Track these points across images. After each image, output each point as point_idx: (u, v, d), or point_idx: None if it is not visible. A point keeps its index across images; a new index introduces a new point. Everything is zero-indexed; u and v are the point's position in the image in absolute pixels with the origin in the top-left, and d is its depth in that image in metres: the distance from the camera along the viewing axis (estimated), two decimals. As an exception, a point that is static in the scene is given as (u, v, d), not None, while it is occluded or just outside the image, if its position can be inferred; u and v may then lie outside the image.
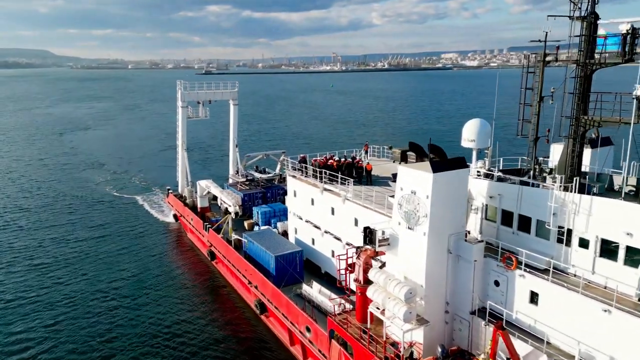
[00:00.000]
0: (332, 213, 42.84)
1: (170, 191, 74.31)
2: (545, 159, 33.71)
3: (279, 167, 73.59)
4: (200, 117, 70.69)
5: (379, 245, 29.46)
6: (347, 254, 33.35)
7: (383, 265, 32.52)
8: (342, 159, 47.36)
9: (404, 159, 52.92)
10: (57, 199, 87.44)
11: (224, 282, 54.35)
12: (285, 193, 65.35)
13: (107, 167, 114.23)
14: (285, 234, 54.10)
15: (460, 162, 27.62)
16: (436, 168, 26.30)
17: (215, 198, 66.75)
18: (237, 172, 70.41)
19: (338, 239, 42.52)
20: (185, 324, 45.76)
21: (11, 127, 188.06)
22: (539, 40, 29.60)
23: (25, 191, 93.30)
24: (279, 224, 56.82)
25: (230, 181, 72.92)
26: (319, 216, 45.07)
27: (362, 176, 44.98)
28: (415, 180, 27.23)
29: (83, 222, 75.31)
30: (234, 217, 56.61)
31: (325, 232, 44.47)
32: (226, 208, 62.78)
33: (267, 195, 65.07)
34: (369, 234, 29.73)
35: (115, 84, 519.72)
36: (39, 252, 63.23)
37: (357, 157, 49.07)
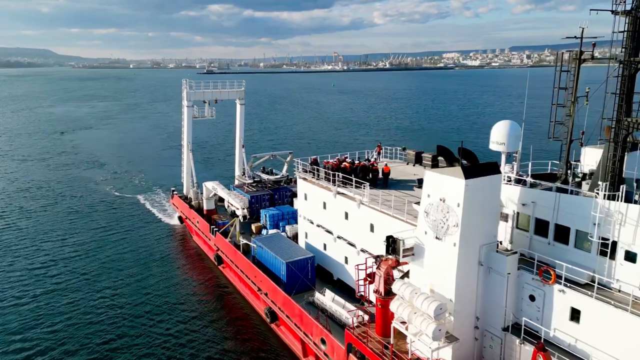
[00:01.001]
0: (346, 218, 41.08)
1: (174, 192, 72.48)
2: (575, 162, 31.86)
3: (285, 167, 71.90)
4: (207, 117, 68.90)
5: (403, 256, 27.54)
6: (366, 263, 31.44)
7: (405, 275, 30.72)
8: (357, 161, 45.58)
9: (418, 160, 51.32)
10: (58, 200, 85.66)
11: (232, 288, 52.46)
12: (293, 195, 63.65)
13: (109, 167, 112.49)
14: (294, 238, 52.33)
15: (493, 167, 25.71)
16: (469, 174, 24.39)
17: (221, 199, 64.89)
18: (244, 173, 68.52)
19: (352, 245, 40.79)
20: (191, 332, 43.94)
21: (12, 126, 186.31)
22: (575, 37, 27.78)
23: (25, 191, 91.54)
24: (287, 228, 55.08)
25: (237, 182, 71.10)
26: (332, 221, 43.34)
27: (377, 179, 43.12)
28: (445, 186, 25.32)
29: (84, 223, 73.59)
30: (241, 220, 54.70)
31: (338, 237, 42.74)
32: (233, 211, 60.96)
33: (275, 197, 63.31)
34: (391, 244, 27.82)
35: (118, 83, 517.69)
36: (38, 254, 61.54)
37: (372, 159, 47.18)
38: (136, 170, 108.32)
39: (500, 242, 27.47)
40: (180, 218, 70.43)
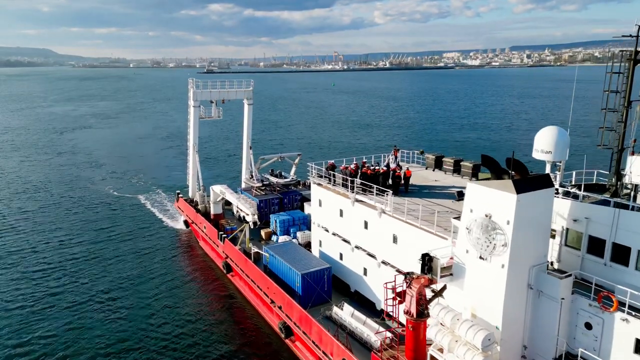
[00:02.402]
0: (365, 227, 38.64)
1: (179, 195, 69.84)
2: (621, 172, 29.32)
3: (293, 169, 69.52)
4: (213, 118, 66.37)
5: (441, 276, 24.98)
6: (395, 281, 28.90)
7: (437, 294, 28.23)
8: (377, 167, 43.11)
9: (438, 165, 48.87)
10: (57, 202, 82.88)
11: (242, 298, 49.75)
12: (303, 199, 61.19)
13: (109, 168, 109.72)
14: (307, 245, 49.93)
15: (546, 180, 23.13)
16: (520, 188, 21.81)
17: (227, 203, 62.35)
18: (252, 176, 65.87)
19: (372, 256, 38.31)
20: (197, 345, 41.40)
21: (12, 126, 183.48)
22: (630, 36, 25.28)
23: (23, 192, 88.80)
24: (299, 234, 52.79)
25: (244, 185, 68.59)
26: (349, 229, 40.90)
27: (399, 186, 40.63)
28: (493, 201, 22.74)
29: (84, 225, 71.15)
30: (252, 227, 52.12)
31: (356, 247, 40.27)
32: (243, 216, 58.49)
33: (284, 201, 60.86)
34: (427, 262, 25.26)
35: (118, 83, 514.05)
36: (36, 259, 59.21)
37: (392, 165, 44.60)
38: (137, 171, 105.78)
39: (551, 263, 24.94)
40: (185, 222, 67.81)
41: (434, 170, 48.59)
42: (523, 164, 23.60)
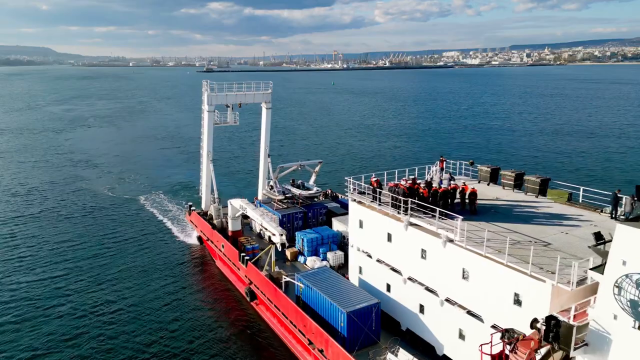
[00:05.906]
0: (423, 256, 32.50)
1: (192, 208, 63.38)
2: None
3: (313, 178, 63.62)
4: (229, 123, 60.10)
5: (575, 348, 18.79)
6: (491, 341, 22.75)
7: (544, 358, 22.08)
8: (429, 183, 37.04)
9: (493, 179, 42.89)
10: (55, 205, 76.59)
11: (270, 333, 43.07)
12: (329, 213, 55.27)
13: (109, 168, 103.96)
14: (338, 269, 44.12)
15: None
16: None
17: (244, 217, 56.01)
18: (272, 187, 59.48)
19: (432, 291, 32.14)
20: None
21: (10, 125, 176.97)
22: None
23: (19, 196, 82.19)
24: (329, 255, 46.98)
25: (261, 197, 62.40)
26: (400, 258, 34.81)
27: (474, 206, 34.69)
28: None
29: (83, 233, 65.83)
30: (279, 249, 45.77)
31: (409, 279, 34.14)
32: (263, 234, 52.38)
33: (308, 216, 54.84)
34: (554, 328, 19.05)
35: (118, 81, 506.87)
36: (33, 266, 55.07)
37: (447, 181, 38.39)
38: (138, 171, 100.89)
39: None
40: (199, 238, 61.36)
41: (488, 184, 42.58)
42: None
